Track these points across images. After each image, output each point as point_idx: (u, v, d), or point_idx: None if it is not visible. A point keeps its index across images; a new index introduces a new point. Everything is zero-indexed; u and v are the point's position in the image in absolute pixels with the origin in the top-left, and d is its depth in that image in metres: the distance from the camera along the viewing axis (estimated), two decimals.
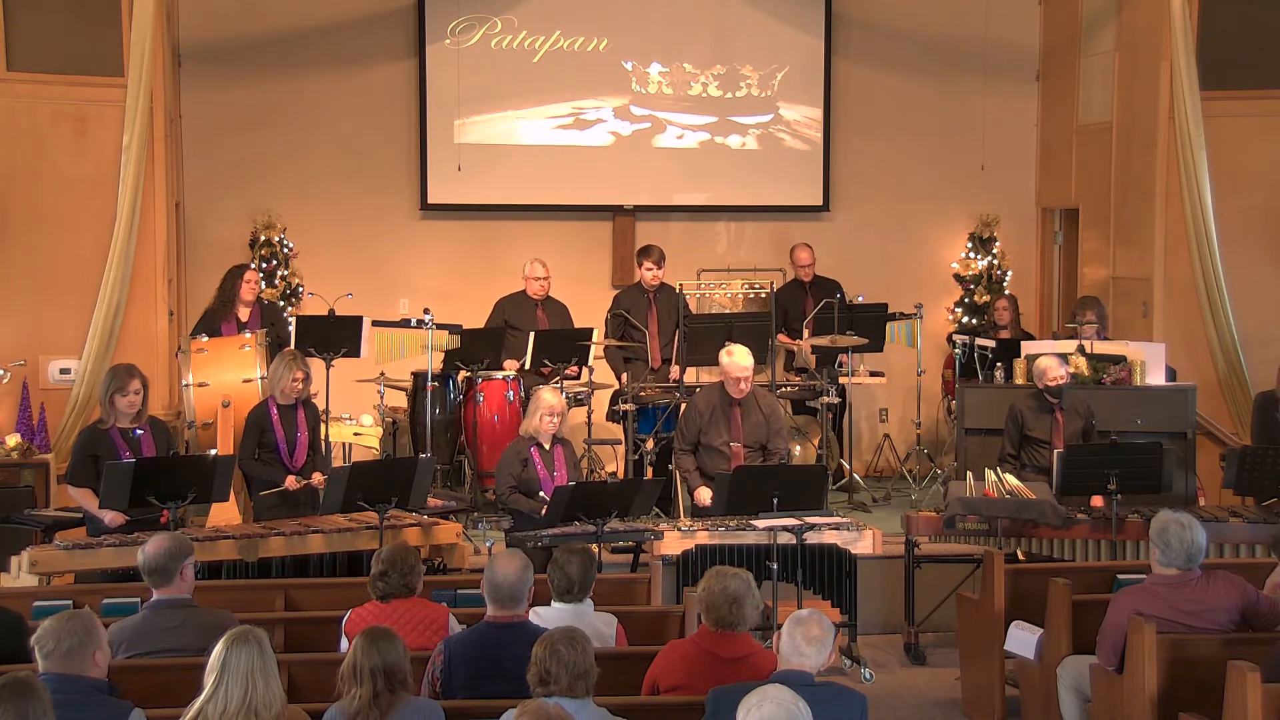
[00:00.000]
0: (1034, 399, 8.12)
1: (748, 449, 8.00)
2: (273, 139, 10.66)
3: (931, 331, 10.86)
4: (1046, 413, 8.05)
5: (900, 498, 9.78)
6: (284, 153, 10.69)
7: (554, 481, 7.38)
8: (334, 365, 8.42)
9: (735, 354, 7.96)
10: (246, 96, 10.60)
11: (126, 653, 4.96)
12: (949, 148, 11.34)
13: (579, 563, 5.19)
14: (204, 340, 8.32)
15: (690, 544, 7.11)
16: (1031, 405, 8.10)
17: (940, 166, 11.35)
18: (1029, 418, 8.08)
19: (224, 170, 10.58)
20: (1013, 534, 7.28)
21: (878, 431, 11.06)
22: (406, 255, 10.90)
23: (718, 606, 4.77)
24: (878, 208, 11.33)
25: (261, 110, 10.64)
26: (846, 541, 7.20)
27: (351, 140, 10.79)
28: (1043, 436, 7.99)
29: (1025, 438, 8.07)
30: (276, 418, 7.53)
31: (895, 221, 11.33)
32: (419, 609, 5.24)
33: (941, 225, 11.38)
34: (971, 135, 11.32)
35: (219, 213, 10.55)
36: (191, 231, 10.48)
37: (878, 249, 11.25)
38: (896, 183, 11.33)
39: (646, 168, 11.09)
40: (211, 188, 10.55)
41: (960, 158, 11.32)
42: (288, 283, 10.47)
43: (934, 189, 11.35)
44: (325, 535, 6.91)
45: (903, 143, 11.34)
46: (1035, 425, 8.05)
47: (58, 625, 4.29)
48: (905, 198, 11.34)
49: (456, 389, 9.22)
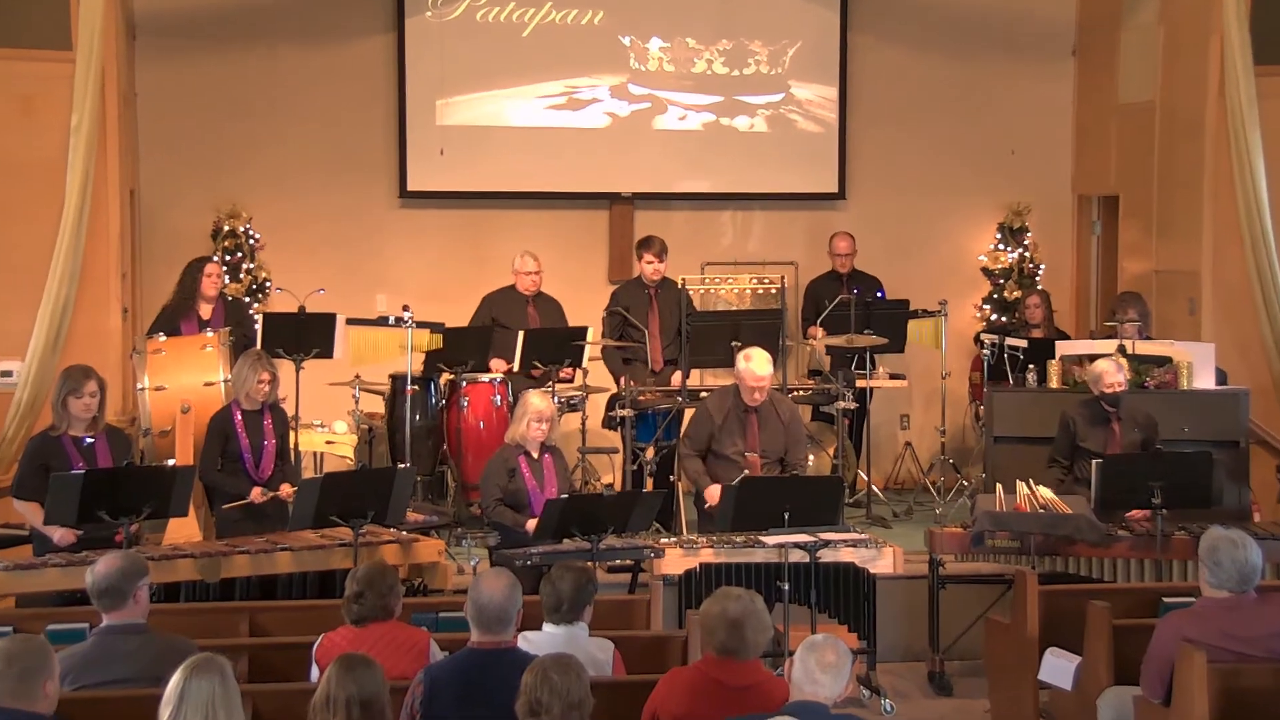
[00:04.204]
0: (1088, 407, 8.07)
1: (765, 460, 8.00)
2: (237, 120, 10.64)
3: (957, 330, 10.86)
4: (1101, 422, 8.01)
5: (923, 512, 9.77)
6: (250, 136, 10.67)
7: (543, 494, 7.38)
8: (304, 367, 8.41)
9: (753, 360, 7.93)
10: (208, 74, 10.58)
11: (74, 684, 4.92)
12: (976, 130, 11.34)
13: (573, 580, 5.18)
14: (161, 340, 8.30)
15: (694, 562, 7.10)
16: (1085, 413, 8.05)
17: (967, 150, 11.34)
18: (1081, 427, 8.02)
19: (184, 154, 10.55)
20: (1047, 552, 7.26)
21: (898, 440, 11.05)
22: (384, 247, 10.89)
23: (715, 631, 4.77)
24: (898, 195, 11.31)
25: (225, 89, 10.61)
26: (864, 560, 7.19)
27: (324, 122, 10.77)
28: (1096, 448, 7.90)
29: (1077, 449, 8.01)
30: (241, 424, 7.52)
31: (917, 210, 11.32)
32: (397, 634, 5.22)
33: (968, 215, 11.37)
34: (1001, 116, 11.32)
35: (178, 201, 10.53)
36: (148, 221, 10.46)
37: (898, 240, 11.23)
38: (918, 168, 11.32)
39: (646, 152, 11.08)
40: (170, 173, 10.52)
41: (988, 141, 11.32)
42: (254, 277, 10.47)
43: (960, 175, 11.33)
44: (294, 553, 6.89)
45: (925, 125, 11.32)
46: (1088, 435, 7.99)
47: (6, 647, 4.24)
48: (928, 185, 11.32)
49: (439, 393, 9.21)
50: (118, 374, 9.16)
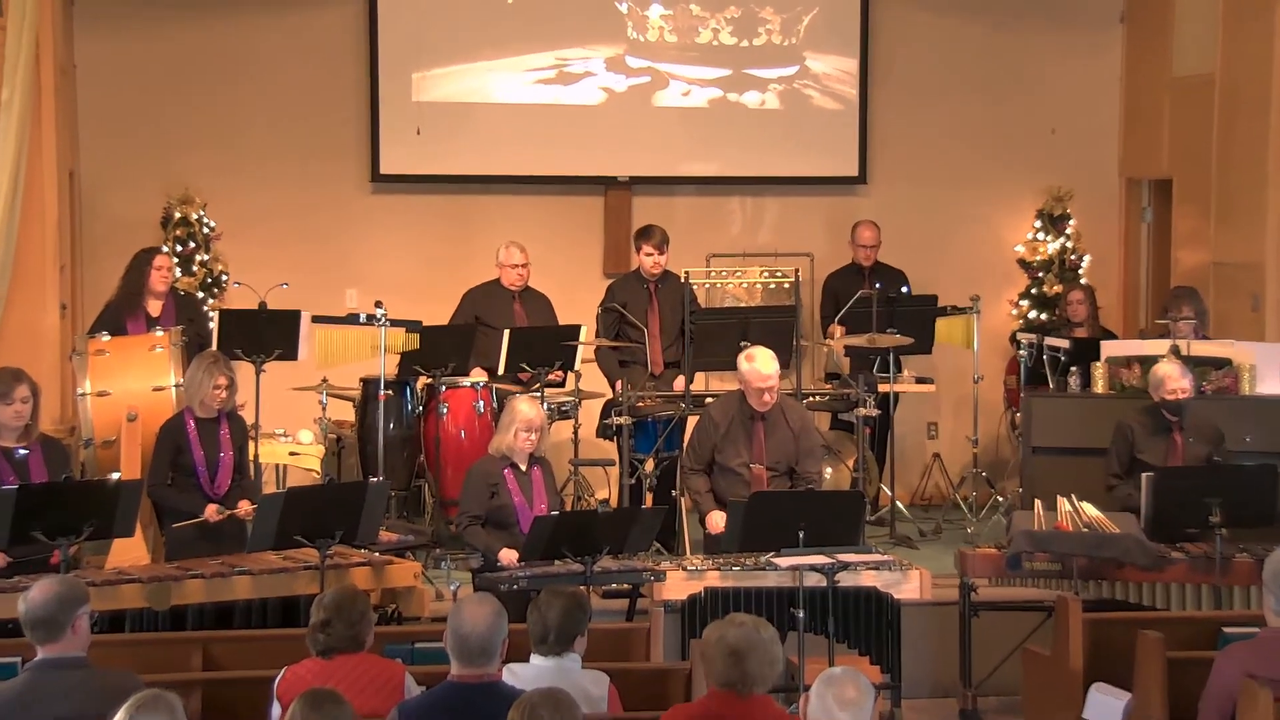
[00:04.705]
0: (1148, 415, 8.05)
1: (772, 473, 8.00)
2: (190, 96, 10.63)
3: (991, 329, 10.87)
4: (1162, 433, 7.99)
5: (953, 531, 9.78)
6: (204, 113, 10.66)
7: (532, 511, 7.37)
8: (265, 370, 8.41)
9: (757, 359, 7.95)
10: (156, 44, 10.57)
11: None
12: (1012, 107, 11.34)
13: (563, 606, 5.17)
14: (105, 340, 8.28)
15: (698, 587, 7.10)
16: (1144, 422, 8.03)
17: (1002, 129, 11.35)
18: (1140, 437, 7.99)
19: (129, 133, 10.55)
20: (1092, 576, 7.26)
21: (925, 450, 11.07)
22: (354, 237, 10.89)
23: (714, 661, 4.78)
24: (925, 180, 11.31)
25: (175, 61, 10.60)
26: (888, 584, 7.20)
27: (287, 98, 10.77)
28: (1155, 461, 7.86)
29: (1134, 461, 7.98)
30: (194, 434, 7.52)
31: (946, 196, 11.31)
32: (369, 667, 5.22)
33: (1003, 201, 11.37)
34: (1040, 91, 11.32)
35: (123, 185, 10.52)
36: (89, 208, 10.46)
37: (925, 230, 11.23)
38: (948, 149, 11.32)
39: (645, 132, 11.08)
40: (114, 154, 10.52)
41: (1026, 119, 11.32)
42: (208, 270, 10.47)
43: (994, 157, 11.34)
44: (254, 577, 6.89)
45: (956, 101, 11.33)
46: (1147, 447, 7.97)
47: None
48: (959, 168, 11.32)
49: (415, 399, 9.23)
50: (55, 377, 9.16)
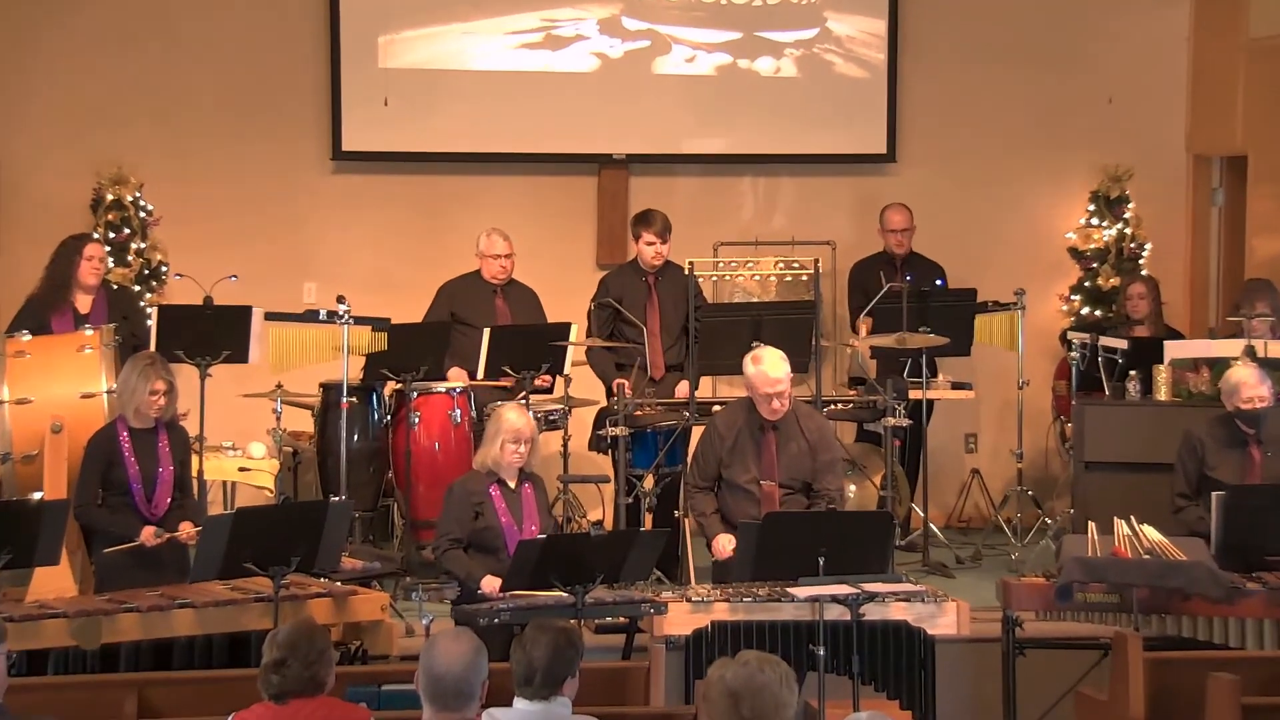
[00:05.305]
0: (1220, 426, 8.06)
1: (785, 490, 8.00)
2: (124, 62, 10.62)
3: (1038, 327, 10.87)
4: (1237, 446, 7.99)
5: (995, 557, 9.80)
6: (139, 79, 10.65)
7: (522, 533, 7.39)
8: (211, 374, 8.42)
9: (764, 361, 7.97)
10: (85, 1, 10.54)
11: None
12: (1062, 75, 11.32)
13: (551, 643, 5.12)
14: (25, 340, 8.29)
15: (704, 620, 7.10)
16: (1216, 434, 8.04)
17: (1050, 100, 11.34)
18: (1211, 451, 8.00)
19: (52, 103, 10.54)
20: (1154, 609, 7.24)
21: (963, 466, 11.08)
22: (313, 222, 10.91)
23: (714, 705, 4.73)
24: (963, 157, 11.33)
25: (105, 18, 10.59)
26: (920, 618, 7.21)
27: (235, 63, 10.77)
28: (1228, 479, 7.87)
29: (1204, 478, 7.99)
30: (129, 447, 7.52)
31: (987, 176, 11.33)
32: (330, 712, 5.20)
33: (1051, 181, 11.37)
34: (1094, 57, 11.31)
35: (45, 163, 10.52)
36: (8, 189, 10.47)
37: (962, 214, 11.24)
38: (989, 122, 11.33)
39: (644, 103, 11.10)
40: (34, 127, 10.52)
41: (1078, 88, 11.31)
42: (146, 260, 10.45)
43: (1042, 131, 11.33)
44: (197, 611, 6.88)
45: (998, 67, 11.32)
46: (1219, 463, 7.98)
47: None
48: (1001, 143, 11.33)
49: (382, 407, 9.25)
50: None
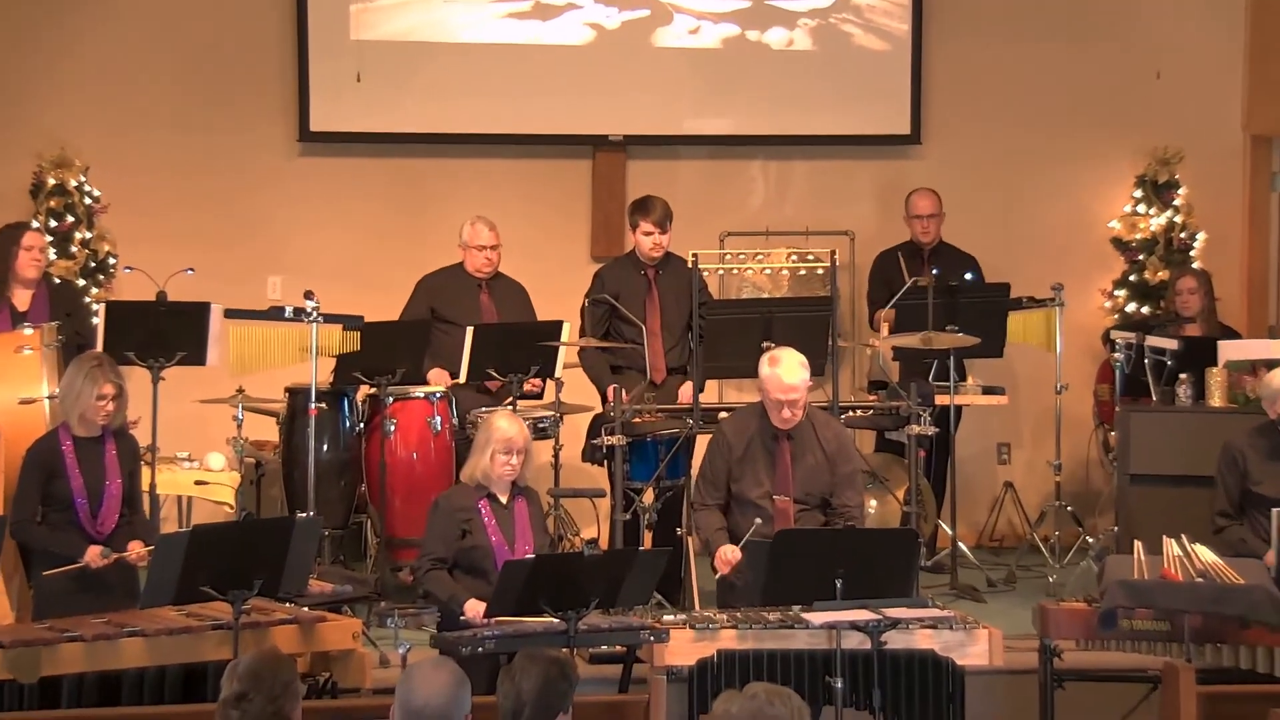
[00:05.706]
0: (1262, 436, 8.11)
1: (800, 506, 8.01)
2: (67, 34, 10.65)
3: (1078, 326, 10.87)
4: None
5: (1031, 580, 9.82)
6: (86, 55, 10.69)
7: (514, 553, 7.40)
8: (165, 378, 8.41)
9: (781, 364, 7.98)
10: None
11: None
12: (1104, 48, 11.35)
13: (539, 675, 5.09)
14: None
15: (709, 649, 7.09)
16: (1258, 445, 8.10)
17: (1090, 75, 11.36)
18: (1253, 463, 8.05)
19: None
20: (1208, 638, 7.20)
21: (996, 478, 11.10)
22: (279, 210, 10.93)
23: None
24: (994, 139, 11.36)
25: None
26: (948, 647, 7.20)
27: (192, 35, 10.79)
28: (1275, 493, 7.93)
29: (1247, 493, 8.04)
30: (72, 457, 7.51)
31: (1021, 159, 11.35)
32: None
33: (1093, 165, 11.38)
34: (1140, 28, 11.34)
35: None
36: None
37: (993, 201, 11.29)
38: (1023, 100, 11.36)
39: (643, 79, 11.13)
40: None
41: (1121, 62, 11.34)
42: (92, 251, 10.45)
43: (1082, 109, 11.36)
44: (148, 640, 6.84)
45: (1034, 40, 11.36)
46: (1263, 476, 8.02)
47: None
48: (1037, 123, 11.35)
49: (355, 413, 9.28)
50: None
